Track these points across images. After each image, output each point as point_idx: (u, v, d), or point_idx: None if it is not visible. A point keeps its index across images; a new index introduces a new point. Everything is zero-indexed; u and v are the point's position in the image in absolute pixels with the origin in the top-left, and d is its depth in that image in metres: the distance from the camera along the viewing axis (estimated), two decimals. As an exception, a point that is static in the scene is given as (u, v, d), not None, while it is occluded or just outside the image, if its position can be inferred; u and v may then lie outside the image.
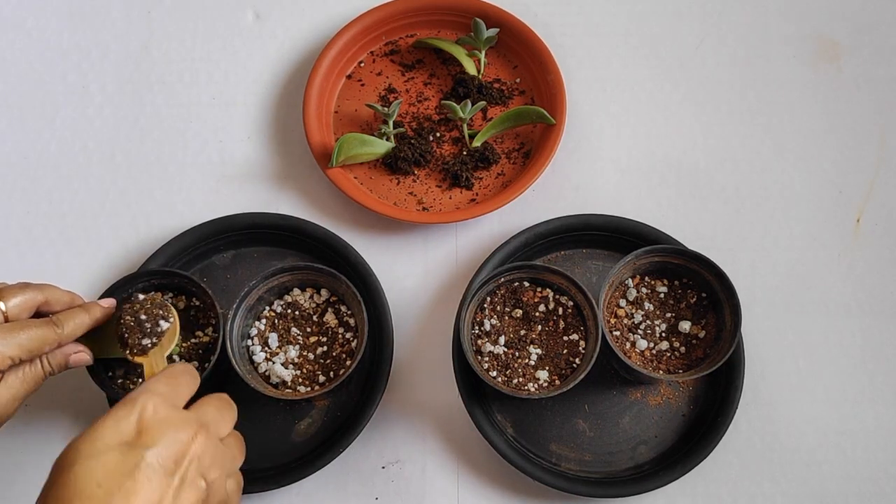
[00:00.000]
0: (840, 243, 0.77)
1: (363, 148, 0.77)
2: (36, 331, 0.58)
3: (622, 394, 0.71)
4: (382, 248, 0.77)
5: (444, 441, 0.71)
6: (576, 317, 0.69)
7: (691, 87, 0.83)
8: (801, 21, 0.85)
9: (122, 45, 0.86)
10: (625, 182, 0.79)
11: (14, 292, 0.59)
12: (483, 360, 0.68)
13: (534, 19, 0.84)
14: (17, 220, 0.79)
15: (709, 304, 0.69)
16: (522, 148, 0.80)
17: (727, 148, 0.80)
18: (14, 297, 0.59)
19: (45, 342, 0.59)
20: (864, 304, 0.75)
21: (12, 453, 0.70)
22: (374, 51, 0.84)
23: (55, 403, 0.71)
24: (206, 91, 0.84)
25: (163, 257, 0.73)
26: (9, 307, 0.58)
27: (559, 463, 0.69)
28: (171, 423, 0.48)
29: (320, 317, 0.71)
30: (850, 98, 0.82)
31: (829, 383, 0.72)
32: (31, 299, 0.60)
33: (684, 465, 0.67)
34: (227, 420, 0.55)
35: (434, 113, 0.81)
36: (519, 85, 0.83)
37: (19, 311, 0.59)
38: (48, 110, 0.83)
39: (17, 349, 0.57)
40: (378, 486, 0.69)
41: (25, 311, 0.59)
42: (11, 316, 0.58)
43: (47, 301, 0.61)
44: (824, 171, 0.80)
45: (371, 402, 0.68)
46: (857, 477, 0.69)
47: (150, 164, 0.81)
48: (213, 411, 0.53)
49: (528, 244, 0.74)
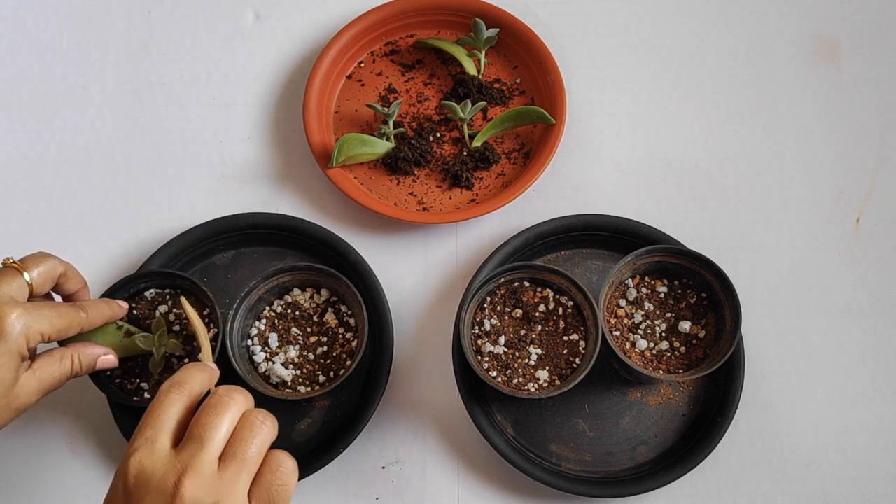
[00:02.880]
0: (840, 243, 0.77)
1: (363, 148, 0.77)
2: (65, 310, 0.59)
3: (622, 394, 0.71)
4: (382, 248, 0.77)
5: (444, 441, 0.71)
6: (576, 317, 0.69)
7: (691, 87, 0.83)
8: (801, 21, 0.85)
9: (122, 45, 0.86)
10: (625, 182, 0.79)
11: (37, 261, 0.60)
12: (483, 360, 0.68)
13: (534, 19, 0.84)
14: (17, 220, 0.79)
15: (709, 304, 0.69)
16: (522, 148, 0.80)
17: (727, 148, 0.80)
18: (37, 266, 0.59)
19: (72, 322, 0.59)
20: (864, 304, 0.75)
21: (12, 453, 0.70)
22: (375, 51, 0.84)
23: (55, 403, 0.71)
24: (206, 91, 0.84)
25: (163, 257, 0.73)
26: (33, 277, 0.59)
27: (559, 463, 0.69)
28: (150, 481, 0.47)
29: (320, 317, 0.71)
30: (850, 98, 0.82)
31: (829, 383, 0.72)
32: (54, 269, 0.60)
33: (684, 465, 0.67)
34: (222, 420, 0.50)
35: (434, 113, 0.81)
36: (519, 85, 0.83)
37: (43, 280, 0.60)
38: (48, 110, 0.83)
39: (49, 326, 0.57)
40: (378, 486, 0.69)
41: (49, 281, 0.60)
42: (36, 285, 0.59)
43: (66, 273, 0.62)
44: (824, 171, 0.80)
45: (371, 402, 0.68)
46: (857, 477, 0.69)
47: (150, 164, 0.81)
48: (201, 431, 0.49)
49: (529, 244, 0.74)
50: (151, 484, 0.47)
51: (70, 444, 0.71)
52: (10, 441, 0.70)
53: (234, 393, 0.51)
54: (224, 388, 0.52)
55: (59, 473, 0.70)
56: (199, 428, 0.49)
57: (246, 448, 0.49)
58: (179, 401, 0.51)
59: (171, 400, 0.51)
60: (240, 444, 0.49)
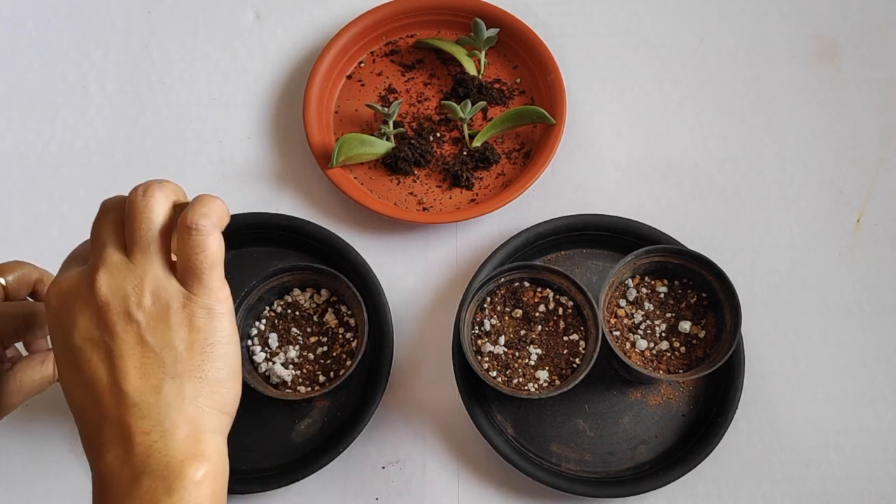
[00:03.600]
0: (840, 243, 0.77)
1: (363, 148, 0.77)
2: (40, 309, 0.59)
3: (622, 394, 0.71)
4: (382, 248, 0.77)
5: (444, 441, 0.71)
6: (576, 317, 0.69)
7: (691, 87, 0.83)
8: (801, 21, 0.85)
9: (122, 45, 0.86)
10: (625, 182, 0.79)
11: (11, 268, 0.59)
12: (483, 360, 0.68)
13: (534, 19, 0.84)
14: (17, 220, 0.79)
15: (709, 304, 0.69)
16: (522, 148, 0.80)
17: (727, 148, 0.80)
18: (12, 272, 0.59)
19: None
20: (864, 304, 0.75)
21: (12, 453, 0.70)
22: (374, 51, 0.84)
23: (56, 403, 0.71)
24: (206, 91, 0.84)
25: (163, 257, 0.73)
26: (9, 281, 0.58)
27: (559, 463, 0.69)
28: (68, 293, 0.46)
29: (320, 317, 0.71)
30: (850, 98, 0.82)
31: (829, 383, 0.72)
32: (29, 275, 0.60)
33: (684, 465, 0.67)
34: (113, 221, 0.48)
35: (434, 113, 0.81)
36: (519, 85, 0.83)
37: (19, 285, 0.59)
38: (48, 110, 0.83)
39: (23, 324, 0.57)
40: (378, 486, 0.69)
41: (25, 287, 0.60)
42: (11, 290, 0.58)
43: (42, 279, 0.61)
44: (824, 171, 0.80)
45: (371, 402, 0.68)
46: (857, 477, 0.69)
47: (150, 164, 0.81)
48: (98, 235, 0.48)
49: (529, 244, 0.74)
50: (70, 295, 0.46)
51: (70, 444, 0.70)
52: (10, 441, 0.70)
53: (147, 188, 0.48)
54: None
55: (59, 473, 0.70)
56: (95, 234, 0.48)
57: (136, 227, 0.46)
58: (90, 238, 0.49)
59: (83, 242, 0.50)
60: (130, 225, 0.47)
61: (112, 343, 0.45)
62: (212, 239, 0.46)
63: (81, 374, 0.46)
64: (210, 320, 0.46)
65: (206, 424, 0.46)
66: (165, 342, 0.45)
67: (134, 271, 0.46)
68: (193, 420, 0.45)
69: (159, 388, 0.45)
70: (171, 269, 0.47)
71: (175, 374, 0.45)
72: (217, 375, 0.46)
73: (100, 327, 0.45)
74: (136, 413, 0.44)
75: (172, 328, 0.45)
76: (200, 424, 0.45)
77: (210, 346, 0.46)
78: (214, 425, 0.46)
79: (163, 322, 0.45)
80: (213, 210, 0.47)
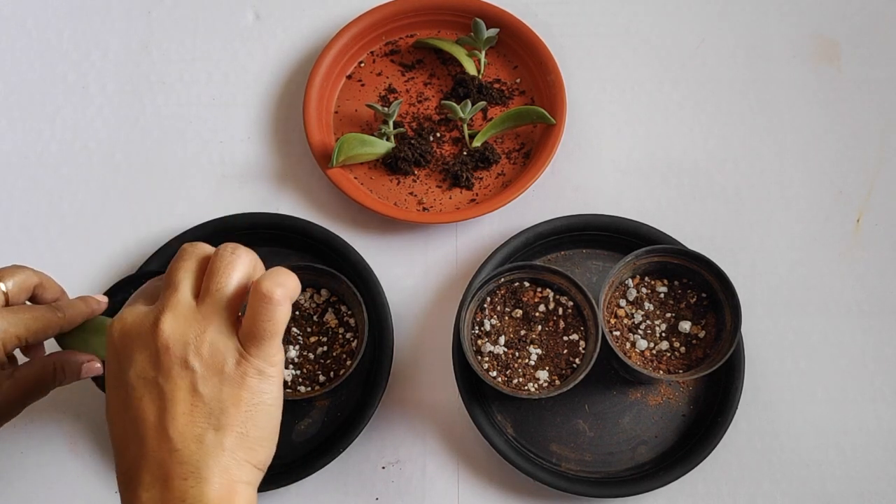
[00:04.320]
0: (840, 243, 0.77)
1: (363, 148, 0.77)
2: (41, 312, 0.58)
3: (622, 394, 0.71)
4: (382, 248, 0.77)
5: (444, 441, 0.71)
6: (576, 317, 0.69)
7: (691, 87, 0.83)
8: (801, 21, 0.85)
9: (122, 45, 0.86)
10: (625, 182, 0.79)
11: (12, 273, 0.59)
12: (483, 360, 0.68)
13: (534, 19, 0.84)
14: (17, 220, 0.79)
15: (709, 304, 0.69)
16: (522, 148, 0.80)
17: (727, 148, 0.80)
18: (12, 277, 0.59)
19: (49, 324, 0.58)
20: (865, 305, 0.75)
21: (12, 453, 0.70)
22: (374, 51, 0.84)
23: (55, 403, 0.71)
24: (205, 91, 0.84)
25: (163, 257, 0.73)
26: (9, 287, 0.58)
27: (559, 463, 0.69)
28: (132, 330, 0.48)
29: (320, 317, 0.71)
30: (850, 98, 0.82)
31: (829, 383, 0.72)
32: (28, 279, 0.60)
33: (684, 465, 0.67)
34: (189, 264, 0.50)
35: (434, 113, 0.81)
36: (519, 85, 0.83)
37: (18, 290, 0.59)
38: (48, 110, 0.83)
39: (24, 329, 0.57)
40: (378, 486, 0.69)
41: (24, 292, 0.60)
42: (12, 295, 0.58)
43: (42, 284, 0.61)
44: (824, 171, 0.80)
45: (371, 402, 0.68)
46: (857, 477, 0.69)
47: (150, 164, 0.81)
48: (172, 278, 0.49)
49: (529, 244, 0.74)
50: (133, 332, 0.48)
51: (70, 444, 0.71)
52: (10, 441, 0.70)
53: (237, 249, 0.51)
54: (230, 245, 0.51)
55: (59, 473, 0.70)
56: (171, 276, 0.49)
57: (216, 280, 0.48)
58: (160, 277, 0.52)
59: (154, 279, 0.53)
60: (211, 277, 0.49)
61: (165, 385, 0.46)
62: (281, 309, 0.48)
63: (130, 410, 0.47)
64: (260, 381, 0.48)
65: (240, 476, 0.47)
66: (216, 394, 0.47)
67: (200, 321, 0.47)
68: (229, 471, 0.46)
69: (202, 437, 0.46)
70: (234, 327, 0.48)
71: (219, 427, 0.46)
72: (258, 434, 0.48)
73: (156, 368, 0.47)
74: (176, 458, 0.45)
75: (225, 382, 0.47)
76: (235, 476, 0.47)
77: (255, 405, 0.48)
78: (248, 478, 0.48)
79: (217, 375, 0.47)
80: (288, 283, 0.49)
